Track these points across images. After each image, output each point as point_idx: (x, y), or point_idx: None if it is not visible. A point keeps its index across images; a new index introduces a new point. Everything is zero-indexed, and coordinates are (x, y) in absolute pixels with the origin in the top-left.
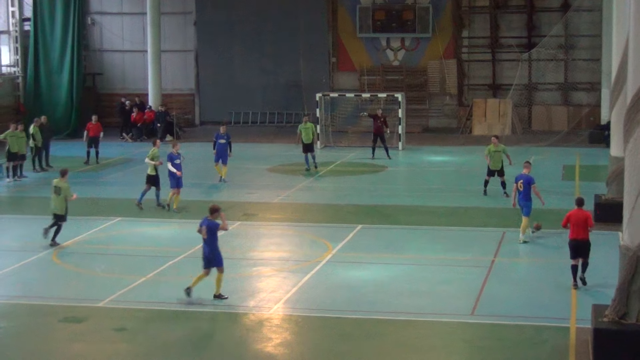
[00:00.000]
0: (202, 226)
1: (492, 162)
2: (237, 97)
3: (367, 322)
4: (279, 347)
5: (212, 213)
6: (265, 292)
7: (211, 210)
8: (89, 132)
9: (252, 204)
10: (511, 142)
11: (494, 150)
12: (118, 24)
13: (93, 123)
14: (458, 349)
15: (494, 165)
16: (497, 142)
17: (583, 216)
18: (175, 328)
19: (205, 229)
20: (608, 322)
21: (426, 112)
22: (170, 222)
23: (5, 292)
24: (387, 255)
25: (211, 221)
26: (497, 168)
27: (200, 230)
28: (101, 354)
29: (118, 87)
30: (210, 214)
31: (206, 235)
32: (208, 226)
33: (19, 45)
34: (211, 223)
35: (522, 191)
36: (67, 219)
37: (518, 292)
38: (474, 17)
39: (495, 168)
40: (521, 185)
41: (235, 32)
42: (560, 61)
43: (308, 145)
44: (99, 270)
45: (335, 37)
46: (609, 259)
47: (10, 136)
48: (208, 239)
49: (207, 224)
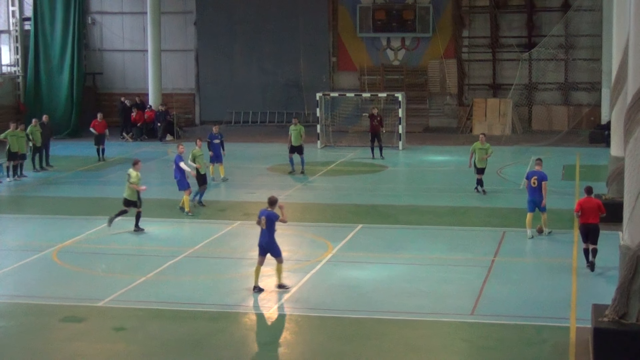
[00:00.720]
0: (261, 217)
1: (478, 159)
2: (237, 97)
3: (367, 322)
4: (279, 346)
5: (271, 204)
6: (265, 292)
7: (270, 202)
8: (95, 129)
9: (252, 203)
10: (511, 141)
11: (479, 147)
12: (118, 23)
13: (99, 121)
14: (458, 348)
15: (479, 162)
16: (484, 140)
17: (594, 203)
18: (176, 328)
19: (265, 219)
20: (608, 322)
21: (426, 112)
22: (170, 221)
23: (5, 291)
24: (387, 254)
25: (270, 212)
26: (483, 166)
27: (259, 222)
28: (101, 353)
29: (118, 86)
30: (270, 205)
31: (265, 226)
32: (268, 216)
33: (19, 45)
34: (271, 214)
35: (537, 187)
36: (138, 206)
37: (518, 292)
38: (474, 16)
39: (481, 165)
40: (535, 181)
41: (236, 32)
42: (561, 61)
43: (296, 147)
44: (99, 269)
45: (336, 37)
46: (609, 258)
47: (11, 135)
48: (267, 229)
49: (266, 214)
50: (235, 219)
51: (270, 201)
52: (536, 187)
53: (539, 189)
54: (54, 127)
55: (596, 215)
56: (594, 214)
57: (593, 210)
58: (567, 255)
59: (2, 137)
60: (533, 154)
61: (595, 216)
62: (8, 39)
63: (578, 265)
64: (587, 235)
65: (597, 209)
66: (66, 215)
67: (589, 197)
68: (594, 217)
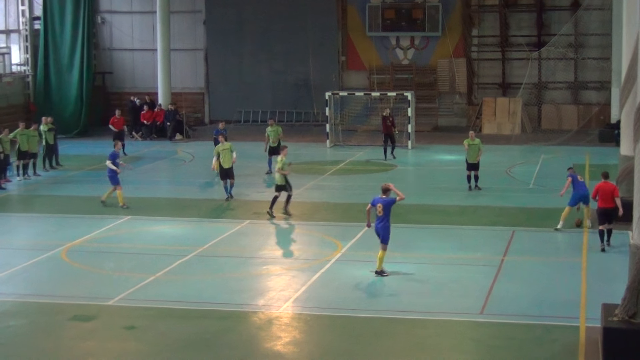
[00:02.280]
0: (376, 204)
1: (469, 154)
2: (247, 96)
3: (376, 321)
4: (288, 345)
5: (385, 192)
6: (275, 291)
7: (384, 190)
8: (114, 126)
9: (261, 202)
10: (521, 141)
11: (470, 142)
12: (128, 22)
13: (117, 118)
14: (467, 348)
15: (470, 157)
16: (473, 136)
17: (610, 188)
18: (185, 326)
19: (382, 206)
20: (618, 322)
21: (436, 111)
22: (180, 220)
23: (15, 290)
24: (397, 254)
25: (386, 198)
26: (473, 161)
27: (370, 209)
28: (111, 352)
29: (128, 85)
30: (383, 193)
31: (382, 212)
32: (385, 203)
33: (29, 44)
34: (387, 200)
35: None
36: (288, 190)
37: (527, 291)
38: (483, 15)
39: (471, 161)
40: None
41: (245, 31)
42: (570, 60)
43: (274, 148)
44: (108, 268)
45: (345, 36)
46: (619, 257)
47: (20, 135)
48: (384, 215)
49: (382, 201)
50: (245, 218)
51: (384, 189)
52: (582, 181)
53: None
54: (63, 126)
55: (612, 199)
56: (611, 198)
57: (609, 195)
58: (577, 255)
59: (12, 137)
60: (543, 153)
61: (611, 200)
62: (18, 38)
63: (588, 265)
64: (604, 217)
65: (612, 194)
66: (76, 214)
67: (605, 182)
68: (611, 201)
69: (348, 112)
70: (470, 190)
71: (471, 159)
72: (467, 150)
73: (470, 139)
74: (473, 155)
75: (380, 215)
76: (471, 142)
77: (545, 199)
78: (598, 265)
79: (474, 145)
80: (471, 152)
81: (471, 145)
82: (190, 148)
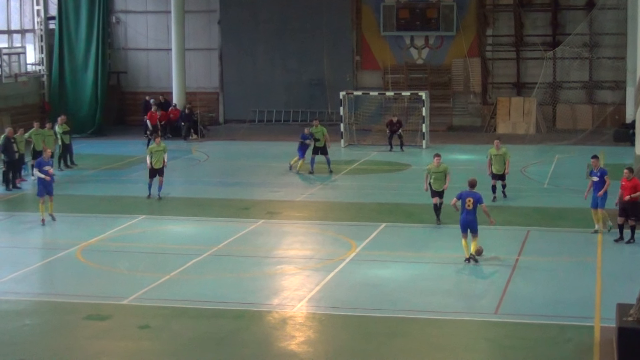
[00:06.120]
0: (465, 198)
1: (494, 165)
2: (261, 96)
3: (390, 321)
4: (302, 345)
5: (472, 186)
6: (289, 291)
7: (472, 184)
8: (151, 121)
9: (275, 202)
10: (535, 140)
11: (494, 153)
12: (142, 22)
13: (153, 112)
14: (481, 347)
15: (496, 169)
16: (499, 144)
17: (634, 182)
18: (199, 326)
19: (473, 199)
20: (633, 322)
21: (450, 111)
22: (194, 220)
23: (30, 289)
24: (411, 253)
25: (476, 193)
26: (500, 172)
27: (456, 203)
28: (125, 351)
29: (142, 85)
30: (471, 187)
31: (472, 206)
32: (476, 198)
33: (44, 44)
34: (478, 195)
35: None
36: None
37: (542, 291)
38: (498, 15)
39: (498, 172)
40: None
41: (260, 31)
42: (585, 59)
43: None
44: (123, 268)
45: (359, 36)
46: (634, 257)
47: (35, 134)
48: (473, 208)
49: (472, 196)
50: (259, 218)
51: (472, 184)
52: (597, 182)
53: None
54: (78, 126)
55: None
56: (633, 192)
57: (631, 190)
58: (592, 255)
59: (27, 136)
60: (557, 153)
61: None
62: (33, 38)
63: (602, 265)
64: (625, 210)
65: (634, 189)
66: (90, 213)
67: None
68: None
69: (362, 111)
70: (494, 201)
71: (498, 170)
72: (490, 162)
73: (495, 149)
74: (499, 167)
75: (470, 209)
76: (496, 152)
77: (560, 199)
78: (613, 265)
79: (499, 156)
80: (497, 163)
81: (496, 156)
82: (205, 147)
